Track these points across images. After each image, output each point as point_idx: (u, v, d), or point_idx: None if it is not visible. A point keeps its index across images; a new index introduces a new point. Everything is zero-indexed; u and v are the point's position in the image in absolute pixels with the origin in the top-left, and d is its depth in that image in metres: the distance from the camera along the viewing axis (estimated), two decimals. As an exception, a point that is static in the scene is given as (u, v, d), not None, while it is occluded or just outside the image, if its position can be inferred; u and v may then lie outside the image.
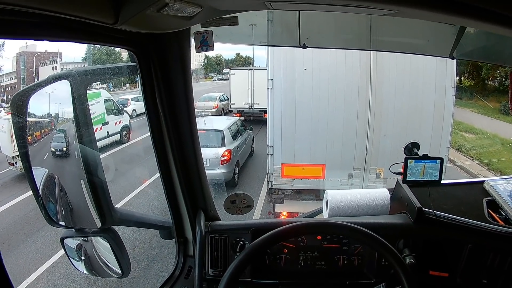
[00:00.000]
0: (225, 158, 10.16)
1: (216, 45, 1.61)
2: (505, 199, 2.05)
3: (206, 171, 1.91)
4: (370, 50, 5.47)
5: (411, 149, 2.06)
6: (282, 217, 7.52)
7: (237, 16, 1.50)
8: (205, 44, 1.57)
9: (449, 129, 7.53)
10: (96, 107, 12.13)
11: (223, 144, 10.47)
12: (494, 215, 2.02)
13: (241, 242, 1.87)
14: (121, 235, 1.67)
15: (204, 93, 21.06)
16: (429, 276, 1.88)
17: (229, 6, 1.37)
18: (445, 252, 1.89)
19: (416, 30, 2.30)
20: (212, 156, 9.87)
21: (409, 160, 1.98)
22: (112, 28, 1.16)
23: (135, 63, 1.54)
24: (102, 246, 1.72)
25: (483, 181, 2.24)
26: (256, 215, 8.23)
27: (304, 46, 2.29)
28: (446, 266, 1.89)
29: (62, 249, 1.73)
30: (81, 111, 1.51)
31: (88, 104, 1.54)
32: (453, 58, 2.43)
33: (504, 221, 1.99)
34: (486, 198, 2.11)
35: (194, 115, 1.74)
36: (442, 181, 2.07)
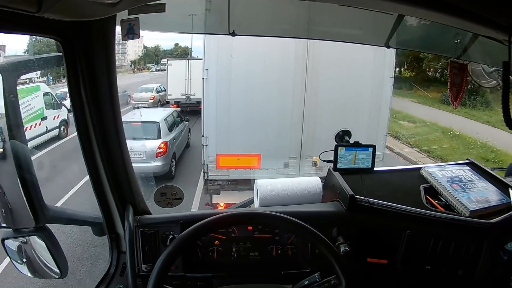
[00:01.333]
0: (161, 150, 10.01)
1: (155, 35, 1.59)
2: (444, 186, 2.10)
3: (142, 164, 1.87)
4: (307, 39, 5.42)
5: (342, 137, 2.09)
6: (220, 208, 7.39)
7: (164, 4, 1.45)
8: (131, 32, 1.53)
9: (386, 117, 7.65)
10: (35, 102, 11.85)
11: (159, 136, 10.33)
12: (433, 201, 2.05)
13: (171, 236, 1.83)
14: (62, 234, 1.59)
15: (141, 85, 20.72)
16: (368, 264, 1.88)
17: None
18: (383, 239, 1.89)
19: (353, 19, 2.24)
20: (148, 149, 9.73)
21: (339, 148, 2.00)
22: (36, 17, 1.08)
23: (61, 53, 1.48)
24: (39, 246, 1.68)
25: (419, 168, 2.27)
26: (194, 207, 8.27)
27: (234, 34, 2.19)
28: (384, 253, 1.90)
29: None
30: (11, 105, 1.46)
31: (17, 97, 1.49)
32: (388, 47, 2.41)
33: (444, 207, 2.03)
34: (424, 185, 2.14)
35: (118, 106, 1.66)
36: (376, 169, 2.11)
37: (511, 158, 11.88)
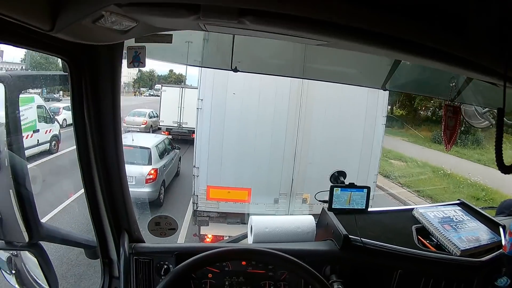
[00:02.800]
0: (151, 176, 9.92)
1: (150, 60, 1.58)
2: (436, 226, 2.17)
3: (131, 189, 1.83)
4: (303, 78, 5.50)
5: (337, 178, 2.13)
6: (208, 239, 7.45)
7: (172, 35, 1.46)
8: (137, 59, 1.54)
9: (377, 157, 7.70)
10: (29, 113, 11.72)
11: (149, 162, 10.25)
12: (424, 241, 2.12)
13: (166, 266, 1.84)
14: (48, 249, 1.60)
15: (134, 108, 20.72)
16: None
17: (164, 24, 1.34)
18: (375, 278, 1.93)
19: (350, 60, 2.31)
20: (138, 174, 9.62)
21: (335, 189, 2.03)
22: (47, 35, 1.12)
23: (67, 73, 1.51)
24: (30, 261, 1.70)
25: (412, 209, 2.34)
26: (182, 237, 8.12)
27: (236, 70, 2.23)
28: None
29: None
30: (12, 117, 1.49)
31: (19, 111, 1.52)
32: (385, 90, 2.48)
33: (436, 247, 2.09)
34: (416, 225, 2.20)
35: (120, 130, 1.69)
36: (370, 209, 2.14)
37: (502, 196, 11.87)
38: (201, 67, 5.63)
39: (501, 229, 2.18)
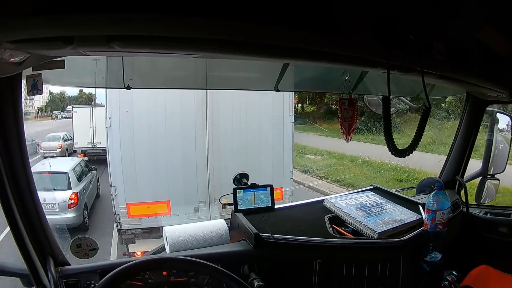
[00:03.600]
0: (72, 201, 9.52)
1: (50, 86, 1.60)
2: (348, 214, 2.19)
3: (56, 216, 1.90)
4: (205, 89, 5.67)
5: (240, 180, 2.17)
6: (137, 256, 7.26)
7: (64, 60, 1.49)
8: (35, 87, 1.55)
9: (290, 154, 8.04)
10: None
11: (69, 187, 9.86)
12: (339, 229, 2.13)
13: (92, 285, 1.82)
14: None
15: (48, 133, 19.73)
16: None
17: (52, 53, 1.36)
18: (296, 271, 1.94)
19: (247, 67, 2.41)
20: (60, 200, 9.22)
21: (237, 191, 2.09)
22: None
23: None
24: None
25: (323, 200, 2.38)
26: (113, 257, 7.99)
27: (128, 88, 2.28)
28: (300, 284, 1.96)
29: None
30: None
31: None
32: (278, 91, 2.53)
33: (353, 233, 2.12)
34: (328, 215, 2.23)
35: (27, 157, 1.65)
36: (277, 206, 2.21)
37: (426, 174, 11.59)
38: (96, 88, 5.58)
39: (420, 207, 2.26)
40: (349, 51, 1.29)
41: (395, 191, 2.59)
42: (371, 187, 2.60)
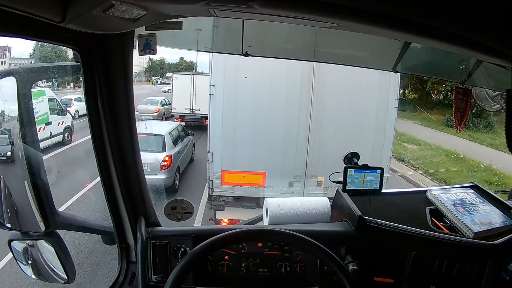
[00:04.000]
0: (165, 163, 9.96)
1: (160, 48, 1.61)
2: (449, 208, 2.13)
3: (146, 176, 1.85)
4: (313, 61, 5.49)
5: (351, 159, 2.12)
6: (223, 224, 7.46)
7: (182, 21, 1.48)
8: (148, 47, 1.55)
9: (390, 140, 7.67)
10: (40, 106, 11.69)
11: (163, 149, 10.28)
12: (438, 223, 2.09)
13: (182, 249, 1.86)
14: (64, 239, 1.62)
15: (146, 97, 20.72)
16: (374, 282, 1.90)
17: (174, 11, 1.35)
18: (389, 259, 1.92)
19: (361, 43, 2.31)
20: (153, 161, 9.65)
21: (348, 170, 2.03)
22: (59, 26, 1.15)
23: (79, 63, 1.52)
24: (47, 250, 1.71)
25: (425, 191, 2.31)
26: (198, 222, 8.16)
27: (246, 55, 2.27)
28: (391, 273, 1.92)
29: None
30: (25, 110, 1.50)
31: (32, 103, 1.53)
32: (395, 72, 2.48)
33: (449, 229, 2.06)
34: (429, 207, 2.17)
35: (134, 118, 1.70)
36: (383, 190, 2.13)
37: None
38: (212, 52, 5.63)
39: None
40: (475, 35, 1.12)
41: (493, 192, 2.42)
42: (471, 184, 2.45)
